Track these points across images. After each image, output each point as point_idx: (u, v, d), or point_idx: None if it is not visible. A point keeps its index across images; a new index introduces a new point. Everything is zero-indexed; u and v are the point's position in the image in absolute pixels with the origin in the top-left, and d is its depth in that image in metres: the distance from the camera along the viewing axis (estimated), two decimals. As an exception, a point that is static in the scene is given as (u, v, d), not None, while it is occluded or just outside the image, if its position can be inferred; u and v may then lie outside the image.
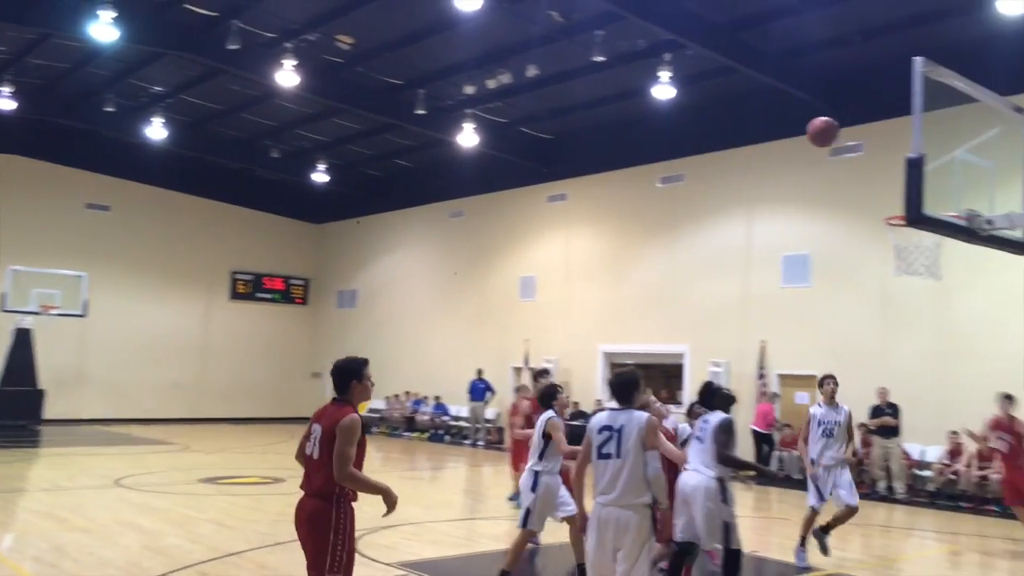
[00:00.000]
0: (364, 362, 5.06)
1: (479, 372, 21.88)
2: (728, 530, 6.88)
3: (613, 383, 5.64)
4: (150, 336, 26.13)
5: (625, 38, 15.40)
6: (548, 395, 7.84)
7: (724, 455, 7.02)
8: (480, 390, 21.68)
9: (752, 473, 10.56)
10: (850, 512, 8.85)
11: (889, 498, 14.38)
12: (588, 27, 14.99)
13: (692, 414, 7.81)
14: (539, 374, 11.37)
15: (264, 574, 7.71)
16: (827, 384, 9.15)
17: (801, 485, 16.10)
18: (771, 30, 15.04)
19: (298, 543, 4.90)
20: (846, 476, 8.92)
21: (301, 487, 5.01)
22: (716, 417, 7.12)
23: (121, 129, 22.21)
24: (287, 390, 28.96)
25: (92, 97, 20.66)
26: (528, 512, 7.45)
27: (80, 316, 22.82)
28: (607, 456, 5.36)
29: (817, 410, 9.16)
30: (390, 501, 4.91)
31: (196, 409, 26.74)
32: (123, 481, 13.33)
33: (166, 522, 10.05)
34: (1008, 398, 10.45)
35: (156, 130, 21.35)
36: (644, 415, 5.43)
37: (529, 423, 10.80)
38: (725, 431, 7.03)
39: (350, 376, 4.96)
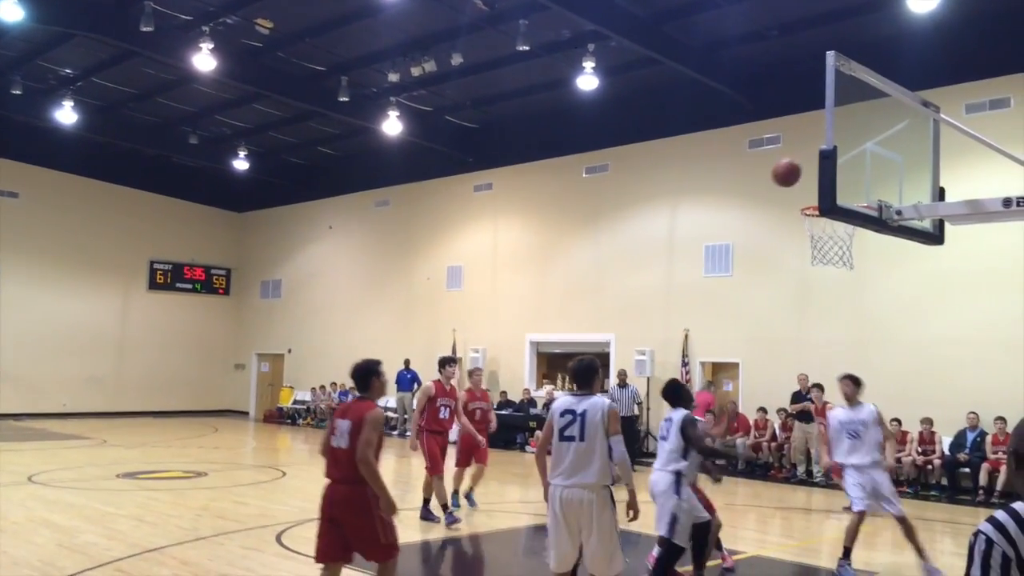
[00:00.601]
0: (379, 362, 5.80)
1: (406, 362, 21.77)
2: (674, 523, 6.71)
3: (574, 369, 5.79)
4: (65, 328, 25.24)
5: (550, 28, 15.47)
6: (677, 393, 7.27)
7: (703, 447, 7.01)
8: (407, 380, 21.58)
9: (723, 462, 10.16)
10: (903, 522, 7.96)
11: (807, 481, 14.83)
12: (513, 16, 15.00)
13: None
14: (445, 362, 10.95)
15: (187, 570, 7.55)
16: (842, 385, 8.43)
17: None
18: (693, 23, 15.30)
19: (220, 537, 4.80)
20: (886, 483, 8.10)
21: (328, 476, 5.55)
22: (679, 414, 6.97)
23: (29, 113, 21.33)
24: (209, 382, 28.38)
25: (-2, 79, 19.81)
26: (674, 520, 6.73)
27: (-12, 308, 21.93)
28: (570, 439, 5.50)
29: (839, 413, 8.40)
30: (387, 505, 5.35)
31: (114, 403, 25.97)
32: (37, 477, 12.89)
33: (82, 519, 9.76)
34: None
35: (66, 114, 20.55)
36: (606, 401, 5.62)
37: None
38: (694, 424, 6.93)
39: (370, 375, 5.70)
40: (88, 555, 7.96)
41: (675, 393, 7.20)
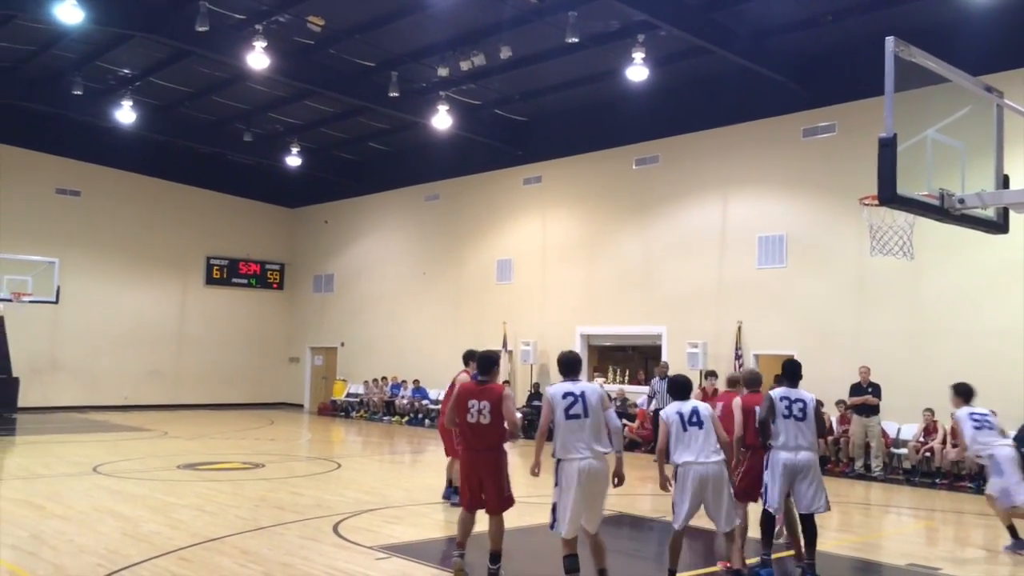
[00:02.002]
0: (500, 353, 7.57)
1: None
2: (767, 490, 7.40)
3: (563, 360, 6.74)
4: (125, 322, 25.90)
5: (598, 19, 15.38)
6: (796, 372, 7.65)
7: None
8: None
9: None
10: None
11: (866, 476, 14.58)
12: (561, 8, 14.95)
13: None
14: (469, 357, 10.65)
15: (246, 559, 7.70)
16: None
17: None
18: (743, 11, 15.08)
19: (278, 528, 4.92)
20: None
21: (471, 447, 6.97)
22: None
23: (89, 112, 21.88)
24: (264, 375, 28.87)
25: (59, 80, 20.32)
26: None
27: (52, 303, 22.51)
28: (576, 416, 6.33)
29: (967, 410, 9.22)
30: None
31: (173, 395, 26.59)
32: (100, 468, 13.25)
33: (145, 509, 10.01)
34: None
35: (125, 113, 21.04)
36: (596, 384, 6.61)
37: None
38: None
39: (494, 364, 7.14)
40: (152, 544, 8.17)
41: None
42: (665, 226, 19.17)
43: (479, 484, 6.91)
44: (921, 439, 14.44)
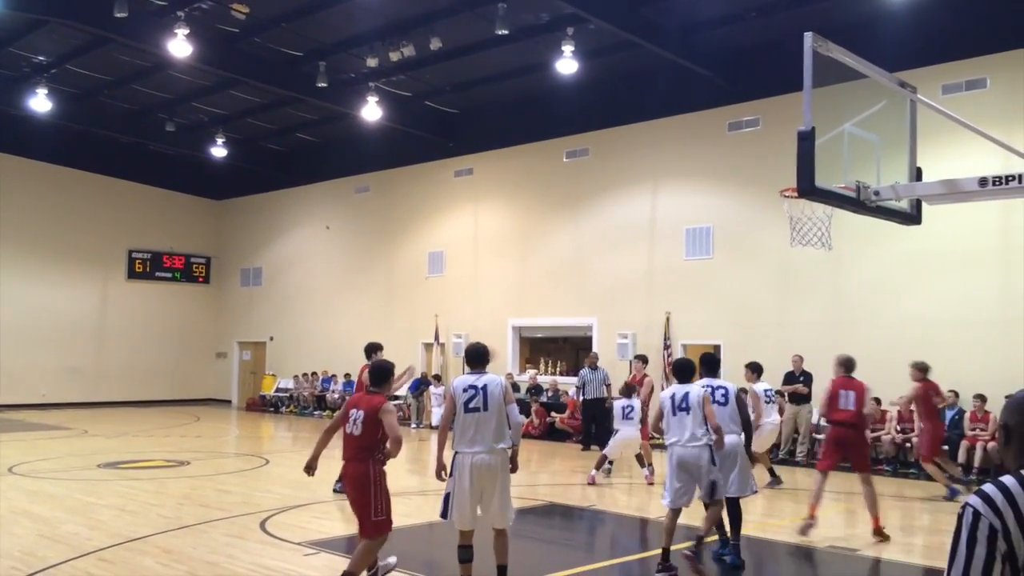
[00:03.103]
0: (393, 365, 6.94)
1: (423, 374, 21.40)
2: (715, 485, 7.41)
3: (469, 353, 6.70)
4: (43, 318, 25.01)
5: (528, 11, 15.41)
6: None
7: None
8: (416, 384, 21.11)
9: None
10: None
11: (789, 462, 14.94)
12: (491, 0, 14.93)
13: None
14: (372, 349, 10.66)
15: (169, 559, 7.53)
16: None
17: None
18: (671, 6, 15.28)
19: (203, 526, 4.82)
20: None
21: (343, 457, 6.42)
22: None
23: (2, 101, 21.06)
24: (191, 371, 28.24)
25: (-30, 67, 19.54)
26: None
27: (-36, 299, 21.67)
28: (475, 410, 6.29)
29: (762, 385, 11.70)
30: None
31: (94, 393, 25.80)
32: (16, 468, 12.80)
33: (63, 509, 9.71)
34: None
35: (40, 102, 20.26)
36: (501, 377, 6.57)
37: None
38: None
39: (385, 376, 6.65)
40: (70, 545, 7.93)
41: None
42: (595, 218, 19.34)
43: (353, 501, 6.40)
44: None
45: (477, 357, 6.59)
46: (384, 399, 6.41)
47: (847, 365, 9.32)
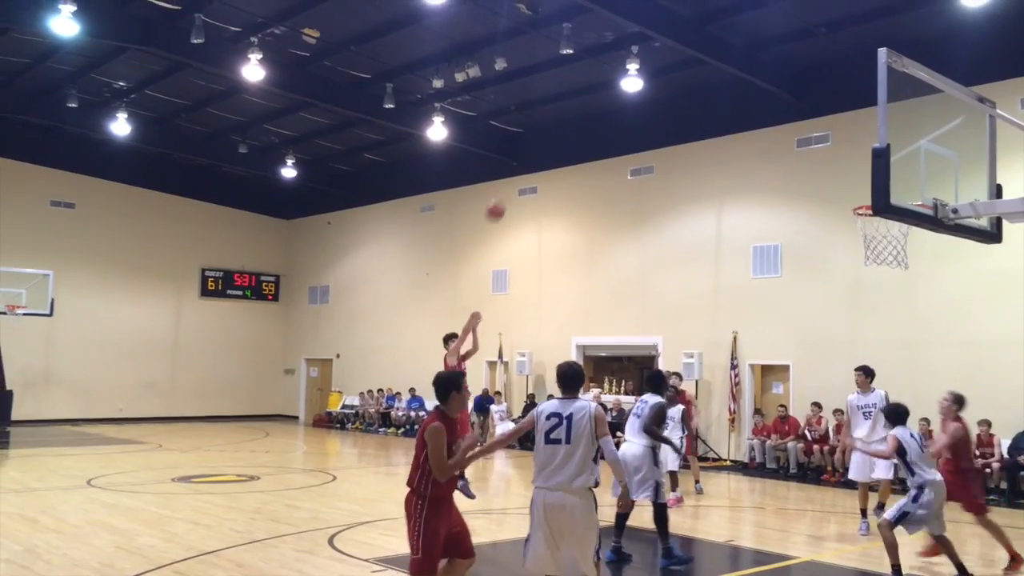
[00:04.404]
0: (463, 375, 6.27)
1: (484, 391, 21.70)
2: (658, 488, 8.47)
3: (563, 374, 5.82)
4: (119, 335, 25.83)
5: (592, 30, 15.44)
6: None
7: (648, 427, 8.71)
8: (479, 401, 21.37)
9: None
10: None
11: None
12: (555, 20, 15.00)
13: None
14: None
15: (241, 572, 7.67)
16: (857, 374, 10.62)
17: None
18: (737, 22, 15.15)
19: (274, 540, 4.89)
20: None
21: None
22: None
23: (84, 125, 21.88)
24: (260, 387, 28.80)
25: (54, 93, 20.35)
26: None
27: (47, 315, 22.45)
28: (555, 442, 5.52)
29: (853, 397, 10.58)
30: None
31: (168, 408, 26.52)
32: (95, 481, 13.20)
33: (139, 522, 9.97)
34: None
35: (120, 126, 21.04)
36: (593, 404, 5.67)
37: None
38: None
39: (447, 388, 5.72)
40: (146, 557, 8.13)
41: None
42: (660, 236, 19.20)
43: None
44: (917, 448, 14.38)
45: (571, 380, 5.80)
46: (435, 417, 5.63)
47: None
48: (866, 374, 10.57)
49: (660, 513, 8.43)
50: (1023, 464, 13.36)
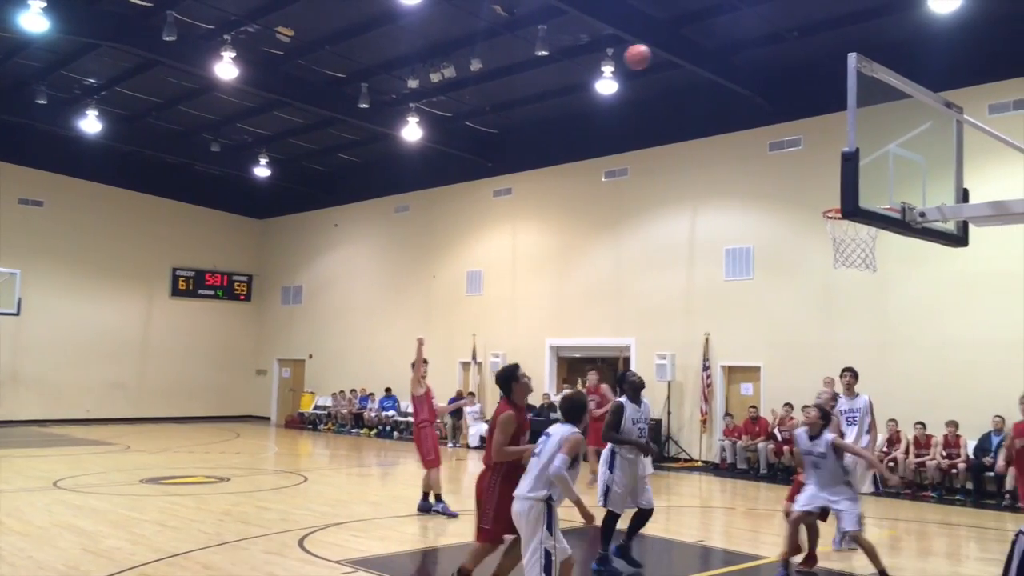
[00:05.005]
0: (517, 366, 6.67)
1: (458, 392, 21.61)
2: (607, 492, 8.23)
3: (561, 405, 6.42)
4: (88, 335, 25.51)
5: (568, 32, 15.46)
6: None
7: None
8: (452, 403, 21.25)
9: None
10: None
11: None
12: (531, 21, 15.02)
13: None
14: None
15: (209, 574, 7.59)
16: (844, 376, 9.95)
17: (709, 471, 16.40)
18: (711, 26, 15.24)
19: (243, 542, 4.85)
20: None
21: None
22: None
23: (54, 122, 21.59)
24: (231, 388, 28.56)
25: (23, 89, 20.02)
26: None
27: (13, 315, 22.13)
28: (535, 455, 6.00)
29: (838, 401, 9.73)
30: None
31: (137, 409, 26.21)
32: (61, 483, 13.02)
33: (106, 524, 9.85)
34: None
35: (90, 123, 20.77)
36: (575, 430, 5.99)
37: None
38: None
39: (506, 379, 6.49)
40: (113, 559, 8.03)
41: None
42: (634, 238, 19.28)
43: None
44: (884, 449, 14.58)
45: (565, 411, 6.23)
46: (505, 406, 6.36)
47: None
48: (854, 376, 10.06)
49: (607, 518, 8.13)
50: (987, 465, 13.54)
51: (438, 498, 11.01)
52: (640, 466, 8.34)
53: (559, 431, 6.01)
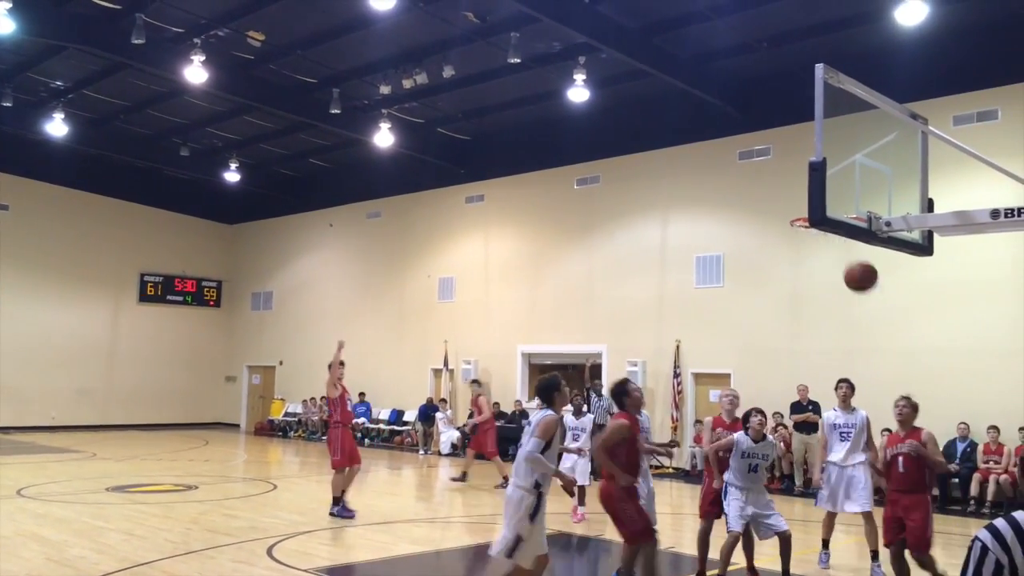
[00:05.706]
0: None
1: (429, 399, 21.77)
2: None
3: (537, 387, 6.41)
4: (54, 341, 25.11)
5: (540, 40, 15.52)
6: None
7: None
8: (423, 410, 21.47)
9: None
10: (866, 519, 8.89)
11: (807, 493, 14.79)
12: (504, 29, 15.06)
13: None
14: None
15: (175, 584, 7.50)
16: (840, 387, 9.16)
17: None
18: (683, 35, 15.37)
19: (211, 551, 4.79)
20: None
21: None
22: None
23: (19, 125, 21.27)
24: (200, 395, 28.26)
25: (-12, 91, 19.76)
26: None
27: (-23, 321, 21.78)
28: (519, 444, 6.14)
29: (832, 415, 9.12)
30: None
31: (104, 416, 25.85)
32: (25, 491, 12.79)
33: (71, 533, 9.69)
34: None
35: (57, 126, 20.51)
36: (549, 413, 6.09)
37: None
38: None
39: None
40: (77, 569, 7.91)
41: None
42: (606, 245, 19.35)
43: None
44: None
45: (539, 391, 6.36)
46: (546, 413, 6.19)
47: None
48: (850, 388, 9.22)
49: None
50: (952, 472, 13.71)
51: (335, 501, 11.08)
52: (647, 483, 8.31)
53: (535, 416, 6.20)
